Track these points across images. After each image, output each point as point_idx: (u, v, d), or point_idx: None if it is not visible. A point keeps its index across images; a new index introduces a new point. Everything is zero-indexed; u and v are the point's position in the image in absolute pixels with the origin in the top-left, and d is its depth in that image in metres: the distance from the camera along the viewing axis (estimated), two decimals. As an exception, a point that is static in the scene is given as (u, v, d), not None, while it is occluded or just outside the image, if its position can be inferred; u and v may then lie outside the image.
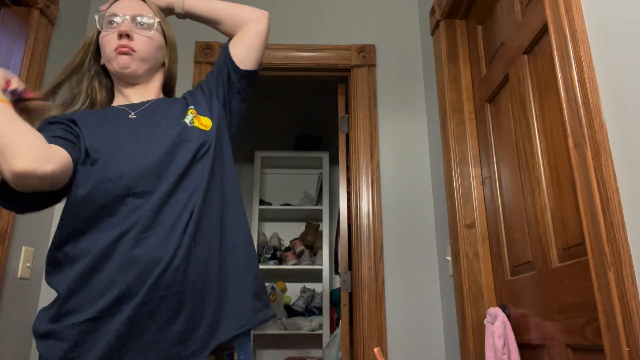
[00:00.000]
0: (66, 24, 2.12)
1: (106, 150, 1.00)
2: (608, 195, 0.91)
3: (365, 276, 2.01)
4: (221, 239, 1.02)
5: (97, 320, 0.88)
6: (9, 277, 1.71)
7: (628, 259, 0.87)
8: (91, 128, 1.04)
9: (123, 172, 0.97)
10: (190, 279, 0.93)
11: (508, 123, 1.57)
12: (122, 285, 0.89)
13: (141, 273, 0.90)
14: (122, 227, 0.93)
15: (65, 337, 0.89)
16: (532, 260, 1.39)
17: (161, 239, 0.93)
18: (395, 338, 1.96)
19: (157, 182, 0.98)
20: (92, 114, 1.11)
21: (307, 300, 3.41)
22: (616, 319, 0.88)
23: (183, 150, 1.03)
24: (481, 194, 1.78)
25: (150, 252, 0.92)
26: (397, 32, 2.39)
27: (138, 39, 1.12)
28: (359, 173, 2.14)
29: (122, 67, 1.11)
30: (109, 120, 1.08)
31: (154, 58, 1.15)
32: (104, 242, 0.92)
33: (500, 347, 1.37)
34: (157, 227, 0.94)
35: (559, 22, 1.08)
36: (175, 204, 0.97)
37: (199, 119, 1.11)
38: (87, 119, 1.07)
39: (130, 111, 1.11)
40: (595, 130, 0.95)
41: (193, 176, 1.02)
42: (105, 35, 1.13)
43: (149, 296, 0.89)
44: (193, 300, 0.93)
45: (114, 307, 0.88)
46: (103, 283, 0.90)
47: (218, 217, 1.03)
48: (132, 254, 0.91)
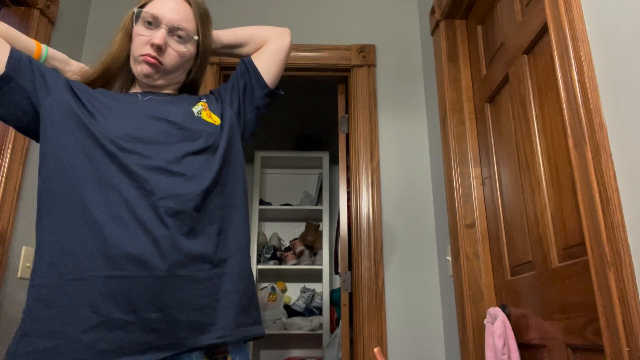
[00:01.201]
0: (66, 24, 2.12)
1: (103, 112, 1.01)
2: (608, 195, 0.91)
3: (365, 276, 2.01)
4: (218, 241, 0.98)
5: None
6: (9, 277, 1.71)
7: (628, 259, 0.87)
8: (94, 96, 1.04)
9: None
10: (174, 273, 0.90)
11: (508, 123, 1.57)
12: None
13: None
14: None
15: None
16: (532, 260, 1.39)
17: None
18: (395, 338, 1.96)
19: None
20: (101, 92, 1.09)
21: (307, 300, 3.41)
22: (616, 319, 0.88)
23: (179, 136, 1.01)
24: (481, 194, 1.78)
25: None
26: (397, 32, 2.39)
27: (169, 52, 1.08)
28: (359, 173, 2.14)
29: (144, 76, 1.09)
30: (118, 98, 1.07)
31: (179, 70, 1.12)
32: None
33: (500, 347, 1.37)
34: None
35: (559, 22, 1.08)
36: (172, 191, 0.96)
37: (209, 113, 1.08)
38: (91, 92, 1.06)
39: (141, 97, 1.10)
40: (595, 130, 0.95)
41: (189, 167, 0.99)
42: (139, 33, 1.09)
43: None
44: (173, 292, 0.90)
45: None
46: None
47: (219, 218, 1.00)
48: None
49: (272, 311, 3.33)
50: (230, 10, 2.39)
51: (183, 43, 1.09)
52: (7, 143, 1.73)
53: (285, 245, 3.62)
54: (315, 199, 3.64)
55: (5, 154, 1.72)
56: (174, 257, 0.90)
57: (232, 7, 2.39)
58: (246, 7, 2.39)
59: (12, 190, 1.71)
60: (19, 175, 1.75)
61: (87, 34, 2.31)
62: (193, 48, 1.13)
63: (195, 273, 0.93)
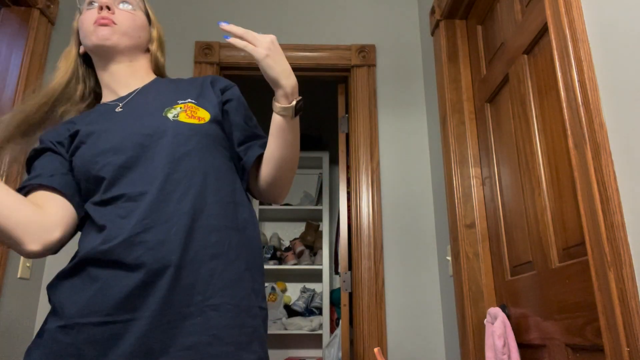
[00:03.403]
0: (66, 24, 2.12)
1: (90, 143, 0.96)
2: (608, 195, 0.91)
3: (365, 276, 2.01)
4: (217, 260, 0.88)
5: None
6: (9, 277, 1.71)
7: (628, 259, 0.87)
8: (86, 128, 0.99)
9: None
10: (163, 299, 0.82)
11: (508, 123, 1.57)
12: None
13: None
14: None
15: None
16: (532, 260, 1.39)
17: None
18: (395, 338, 1.96)
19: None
20: (83, 116, 1.05)
21: (307, 300, 3.41)
22: (616, 319, 0.88)
23: (158, 147, 0.93)
24: (481, 194, 1.78)
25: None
26: (397, 32, 2.39)
27: (119, 13, 1.05)
28: (359, 173, 2.14)
29: (102, 39, 1.02)
30: (98, 117, 1.02)
31: (137, 36, 1.07)
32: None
33: (500, 347, 1.37)
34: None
35: (559, 22, 1.08)
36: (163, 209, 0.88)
37: (193, 111, 1.00)
38: (79, 122, 1.02)
39: (118, 103, 1.03)
40: (595, 130, 0.95)
41: (176, 179, 0.91)
42: (84, 13, 1.06)
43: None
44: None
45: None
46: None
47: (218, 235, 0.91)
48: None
49: (272, 311, 3.33)
50: (231, 10, 2.39)
51: (130, 6, 1.07)
52: (7, 143, 1.73)
53: (285, 245, 3.62)
54: (315, 199, 3.64)
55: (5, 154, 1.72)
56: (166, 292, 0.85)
57: (232, 7, 2.39)
58: (247, 7, 2.39)
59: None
60: (19, 175, 1.75)
61: (87, 34, 2.31)
62: (142, 15, 1.10)
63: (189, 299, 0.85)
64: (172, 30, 2.30)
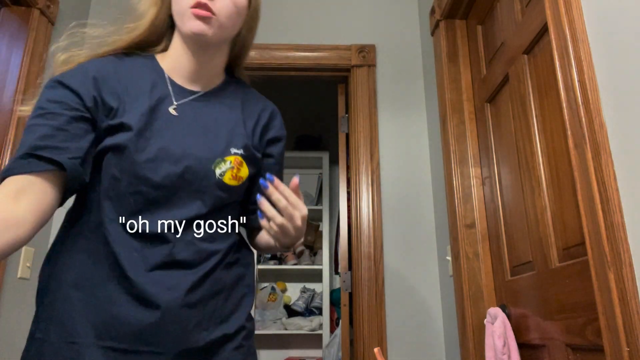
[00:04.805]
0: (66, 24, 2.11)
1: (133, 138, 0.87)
2: (608, 195, 0.91)
3: (365, 276, 2.01)
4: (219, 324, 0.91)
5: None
6: (9, 277, 1.71)
7: (628, 259, 0.87)
8: (130, 117, 0.89)
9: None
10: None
11: (508, 123, 1.57)
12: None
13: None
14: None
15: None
16: (532, 260, 1.39)
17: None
18: (395, 338, 1.96)
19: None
20: (114, 77, 0.93)
21: (307, 300, 3.41)
22: (616, 319, 0.88)
23: (191, 196, 0.90)
24: (481, 194, 1.78)
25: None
26: (397, 32, 2.39)
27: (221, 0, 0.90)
28: (359, 173, 2.14)
29: (197, 34, 0.90)
30: (149, 99, 0.91)
31: (232, 26, 0.94)
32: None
33: (500, 347, 1.37)
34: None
35: (559, 22, 1.08)
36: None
37: (238, 169, 0.95)
38: (111, 88, 0.90)
39: (174, 100, 0.94)
40: (595, 130, 0.95)
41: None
42: None
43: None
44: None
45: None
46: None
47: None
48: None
49: (272, 311, 3.33)
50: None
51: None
52: (7, 143, 1.73)
53: (286, 245, 3.61)
54: (315, 199, 3.64)
55: (5, 154, 1.72)
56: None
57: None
58: (246, 7, 2.39)
59: (12, 190, 1.71)
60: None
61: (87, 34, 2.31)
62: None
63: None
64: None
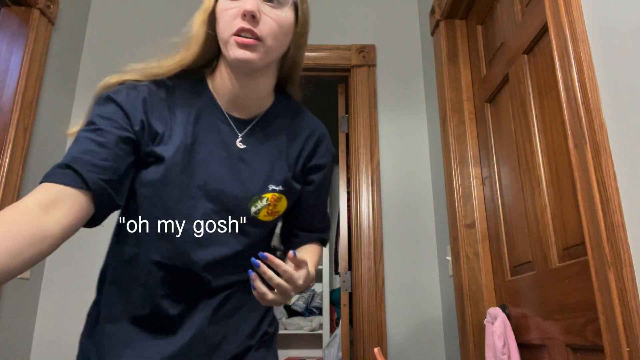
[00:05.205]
0: (66, 24, 2.12)
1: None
2: (608, 195, 0.91)
3: (365, 276, 2.01)
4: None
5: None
6: (9, 277, 1.71)
7: (628, 259, 0.87)
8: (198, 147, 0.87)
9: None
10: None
11: (508, 123, 1.57)
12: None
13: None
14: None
15: None
16: (532, 260, 1.39)
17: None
18: (395, 338, 1.96)
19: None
20: (186, 113, 0.88)
21: (307, 300, 3.41)
22: (616, 319, 0.88)
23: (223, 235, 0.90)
24: (481, 194, 1.78)
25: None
26: (397, 32, 2.39)
27: (266, 21, 0.83)
28: (359, 173, 2.14)
29: (242, 60, 0.83)
30: (212, 140, 0.89)
31: (279, 47, 0.87)
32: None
33: (500, 347, 1.37)
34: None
35: (559, 22, 1.08)
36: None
37: (275, 205, 0.93)
38: (163, 112, 0.86)
39: (238, 132, 0.91)
40: (595, 130, 0.95)
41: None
42: (224, 8, 0.85)
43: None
44: None
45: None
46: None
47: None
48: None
49: (272, 311, 3.33)
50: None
51: (279, 7, 0.85)
52: (7, 143, 1.73)
53: (285, 245, 3.61)
54: (315, 199, 3.63)
55: (5, 154, 1.72)
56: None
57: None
58: (246, 7, 2.39)
59: (12, 190, 1.71)
60: (19, 175, 1.75)
61: (87, 34, 2.31)
62: (292, 13, 0.87)
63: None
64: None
